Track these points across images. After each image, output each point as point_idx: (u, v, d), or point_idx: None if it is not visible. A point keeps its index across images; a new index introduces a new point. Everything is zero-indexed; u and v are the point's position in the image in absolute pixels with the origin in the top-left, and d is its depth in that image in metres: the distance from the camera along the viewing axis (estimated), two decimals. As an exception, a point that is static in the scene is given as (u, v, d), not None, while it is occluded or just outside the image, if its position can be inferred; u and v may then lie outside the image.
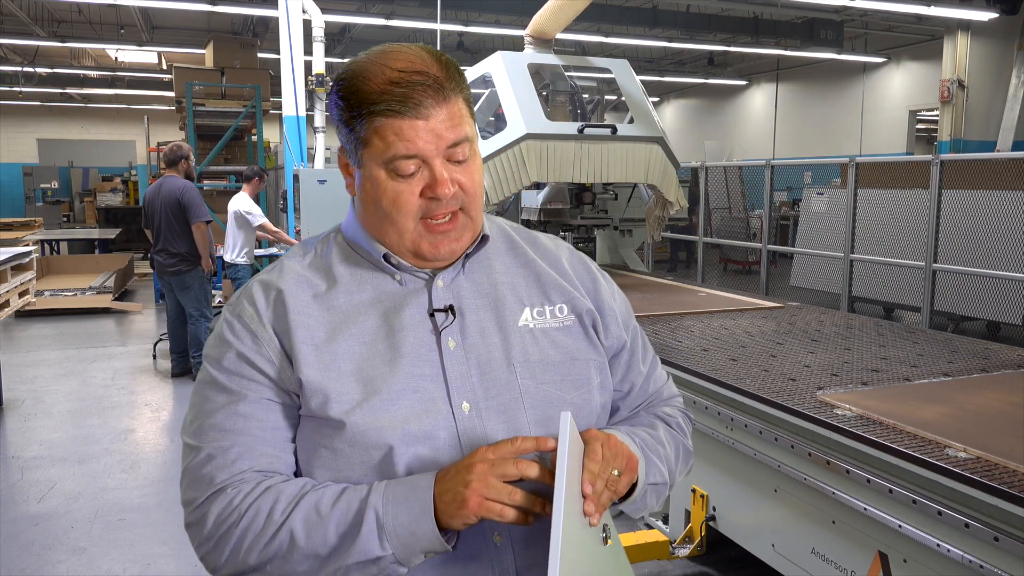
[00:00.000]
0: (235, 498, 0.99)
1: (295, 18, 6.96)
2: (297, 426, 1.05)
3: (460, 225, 1.07)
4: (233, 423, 1.02)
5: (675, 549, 2.96)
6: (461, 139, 1.04)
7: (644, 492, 1.10)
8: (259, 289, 1.09)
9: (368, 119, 1.02)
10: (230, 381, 1.04)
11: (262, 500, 0.98)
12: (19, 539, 3.62)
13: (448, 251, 1.08)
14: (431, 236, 1.06)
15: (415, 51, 1.04)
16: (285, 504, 0.98)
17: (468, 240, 1.10)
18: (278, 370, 1.04)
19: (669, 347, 3.16)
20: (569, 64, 4.90)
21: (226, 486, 1.00)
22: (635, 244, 5.80)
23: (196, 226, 6.17)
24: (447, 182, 1.03)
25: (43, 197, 19.05)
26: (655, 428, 1.20)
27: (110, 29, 14.47)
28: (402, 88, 1.00)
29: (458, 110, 1.04)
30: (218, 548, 0.99)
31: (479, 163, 1.10)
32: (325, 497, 0.98)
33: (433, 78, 1.01)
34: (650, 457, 1.13)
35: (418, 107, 1.00)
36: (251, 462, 1.02)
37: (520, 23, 10.29)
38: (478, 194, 1.08)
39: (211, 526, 0.99)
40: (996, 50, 12.91)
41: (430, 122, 1.01)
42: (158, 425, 5.34)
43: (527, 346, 1.10)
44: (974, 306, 6.92)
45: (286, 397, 1.04)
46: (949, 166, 6.35)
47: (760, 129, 19.48)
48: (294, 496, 0.98)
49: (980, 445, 1.97)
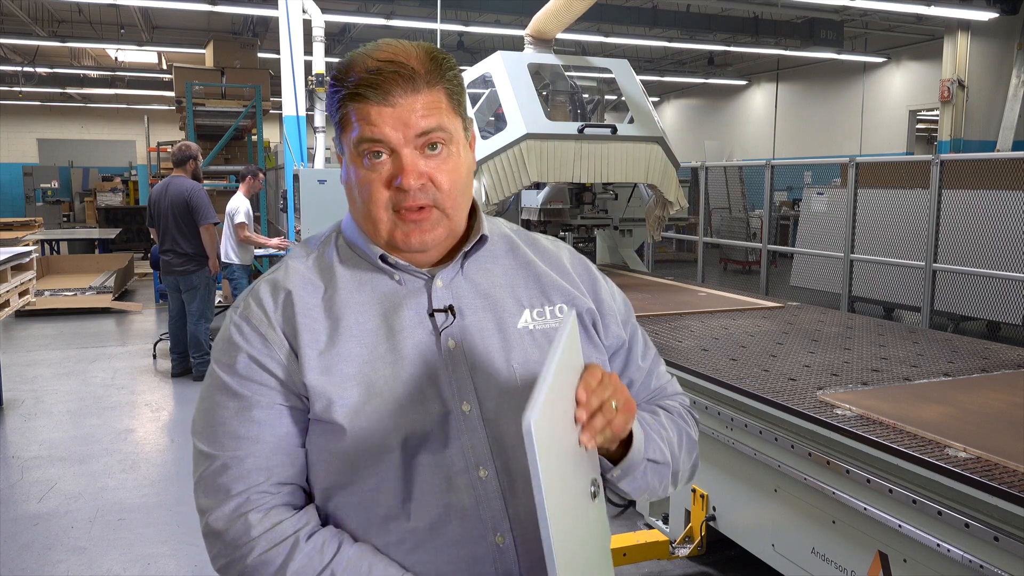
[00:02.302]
0: (252, 526, 0.99)
1: (295, 18, 6.96)
2: (307, 429, 1.05)
3: (432, 218, 1.06)
4: (247, 430, 1.02)
5: (675, 549, 2.96)
6: (432, 128, 1.03)
7: (644, 465, 1.08)
8: (267, 290, 1.09)
9: (343, 104, 1.04)
10: (241, 386, 1.04)
11: (275, 551, 0.98)
12: (19, 539, 3.62)
13: (419, 242, 1.07)
14: (404, 226, 1.06)
15: (404, 46, 1.05)
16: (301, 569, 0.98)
17: (442, 233, 1.08)
18: (288, 372, 1.04)
19: (669, 347, 3.16)
20: (569, 64, 4.90)
21: (242, 500, 1.01)
22: (635, 244, 5.80)
23: (204, 228, 6.18)
24: (413, 172, 1.03)
25: (43, 197, 19.09)
26: (656, 413, 1.19)
27: (110, 29, 14.47)
28: (376, 76, 1.02)
29: (433, 101, 1.04)
30: (231, 568, 1.01)
31: (462, 161, 1.08)
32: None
33: (409, 68, 1.02)
34: (649, 434, 1.11)
35: (387, 94, 1.01)
36: (266, 472, 1.02)
37: (520, 23, 10.30)
38: (455, 191, 1.07)
39: (226, 546, 1.00)
40: (996, 50, 12.91)
41: (397, 109, 1.02)
42: (158, 425, 5.35)
43: (527, 347, 1.09)
44: (974, 306, 6.92)
45: (296, 400, 1.04)
46: (949, 166, 6.34)
47: (760, 129, 19.48)
48: (316, 571, 0.98)
49: (980, 445, 1.97)
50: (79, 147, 22.37)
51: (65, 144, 22.32)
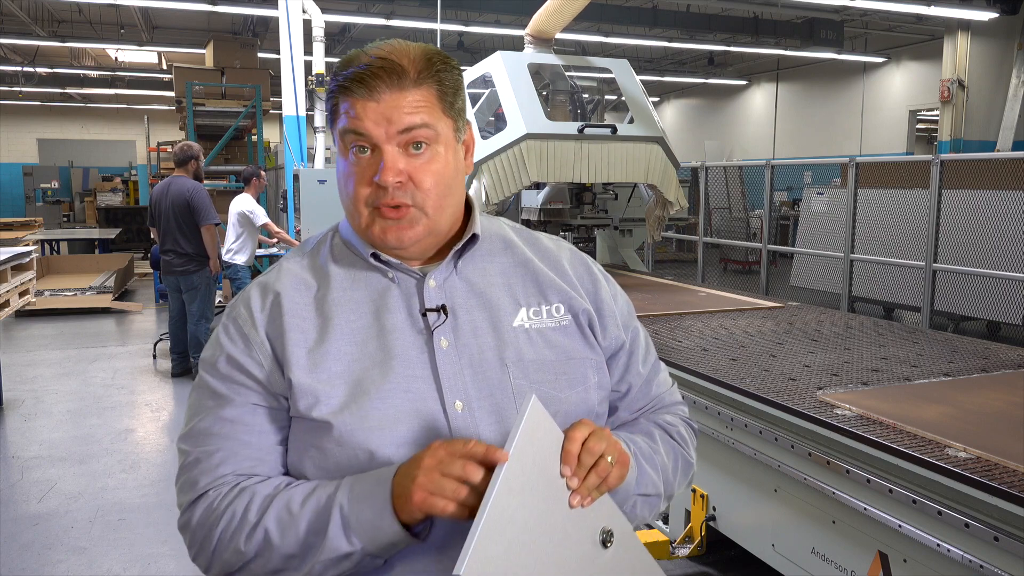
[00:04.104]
0: (214, 501, 1.02)
1: (295, 18, 6.97)
2: (286, 431, 1.06)
3: (410, 217, 1.06)
4: (220, 427, 1.05)
5: (675, 549, 2.96)
6: (416, 125, 1.03)
7: (633, 500, 1.08)
8: (256, 292, 1.10)
9: (334, 97, 1.07)
10: (220, 385, 1.06)
11: (237, 501, 1.01)
12: (19, 539, 3.62)
13: (395, 239, 1.06)
14: (382, 222, 1.06)
15: (402, 45, 1.06)
16: (259, 504, 1.00)
17: (421, 232, 1.07)
18: (267, 374, 1.05)
19: (669, 347, 3.16)
20: (569, 64, 4.90)
21: (208, 490, 1.03)
22: (635, 244, 5.80)
23: (205, 228, 6.18)
24: (391, 170, 1.03)
25: (43, 197, 19.09)
26: (653, 438, 1.18)
27: (110, 29, 14.47)
28: (363, 71, 1.03)
29: (421, 99, 1.04)
30: (203, 550, 1.03)
31: (448, 162, 1.08)
32: (296, 495, 0.99)
33: (398, 66, 1.03)
34: (643, 466, 1.10)
35: (372, 90, 1.02)
36: (234, 467, 1.04)
37: (520, 23, 10.29)
38: (437, 192, 1.06)
39: (195, 530, 1.03)
40: (996, 50, 12.91)
41: (381, 105, 1.03)
42: (158, 425, 5.35)
43: (521, 346, 1.09)
44: (974, 306, 6.92)
45: (273, 401, 1.05)
46: (949, 166, 6.35)
47: (760, 129, 19.48)
48: (267, 496, 1.00)
49: (980, 445, 1.97)
50: (79, 147, 22.38)
51: (65, 144, 22.32)
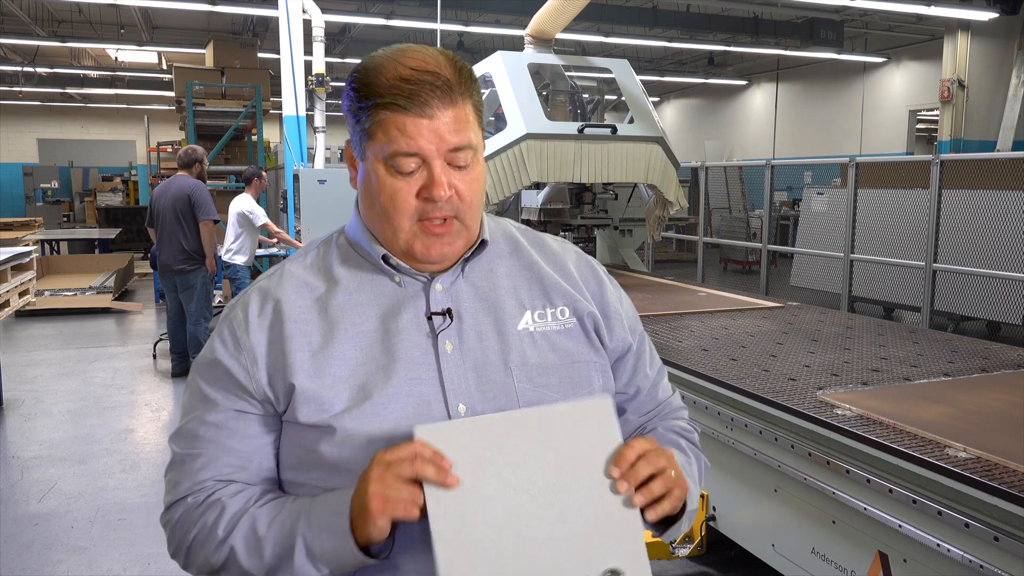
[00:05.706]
0: (192, 507, 1.04)
1: (295, 18, 6.96)
2: (275, 433, 1.06)
3: (454, 231, 1.06)
4: (205, 431, 1.05)
5: (675, 549, 2.96)
6: (464, 144, 1.03)
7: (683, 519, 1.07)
8: (256, 297, 1.09)
9: (374, 112, 1.01)
10: (208, 388, 1.06)
11: (208, 513, 1.02)
12: (19, 539, 3.62)
13: (439, 254, 1.06)
14: (425, 238, 1.05)
15: (431, 52, 1.04)
16: (227, 520, 1.01)
17: (461, 246, 1.08)
18: (254, 380, 1.04)
19: (669, 347, 3.16)
20: (569, 64, 4.90)
21: (187, 495, 1.04)
22: (635, 244, 5.80)
23: (203, 224, 6.16)
24: (444, 184, 1.02)
25: (43, 197, 19.09)
26: (683, 449, 1.18)
27: (110, 29, 14.47)
28: (411, 85, 0.99)
29: (465, 115, 1.03)
30: (180, 550, 1.05)
31: (481, 173, 1.08)
32: (261, 517, 1.00)
33: (444, 80, 1.01)
34: (691, 488, 1.09)
35: (424, 105, 1.00)
36: (214, 472, 1.04)
37: (520, 23, 10.30)
38: (475, 203, 1.07)
39: (174, 528, 1.05)
40: (996, 50, 12.91)
41: (434, 122, 1.00)
42: (158, 425, 5.34)
43: (526, 349, 1.09)
44: (974, 306, 6.92)
45: (259, 407, 1.05)
46: (949, 166, 6.35)
47: (760, 129, 19.48)
48: (236, 513, 1.01)
49: (980, 445, 1.97)
50: (79, 147, 22.37)
51: (65, 144, 22.32)
